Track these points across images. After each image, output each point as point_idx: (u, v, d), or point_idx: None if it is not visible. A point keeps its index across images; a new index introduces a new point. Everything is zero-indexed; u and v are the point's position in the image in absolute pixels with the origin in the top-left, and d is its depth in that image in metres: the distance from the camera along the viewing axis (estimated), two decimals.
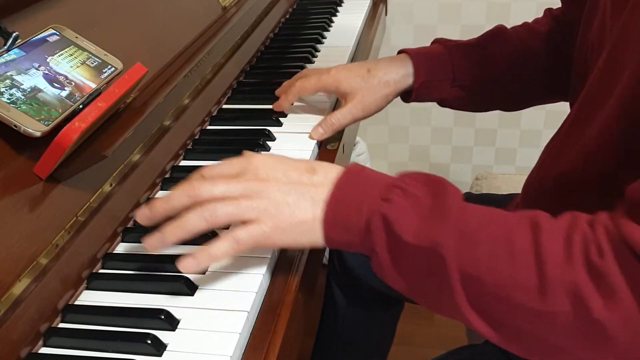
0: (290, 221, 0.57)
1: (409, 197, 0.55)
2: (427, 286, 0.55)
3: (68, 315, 0.59)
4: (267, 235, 0.57)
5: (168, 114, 0.81)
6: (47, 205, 0.60)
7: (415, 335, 1.60)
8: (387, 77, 0.86)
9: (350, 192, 0.57)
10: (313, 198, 0.58)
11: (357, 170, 0.59)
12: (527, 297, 0.50)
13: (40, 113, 0.60)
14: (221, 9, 1.06)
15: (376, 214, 0.55)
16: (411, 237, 0.53)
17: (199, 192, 0.58)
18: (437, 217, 0.53)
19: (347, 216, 0.56)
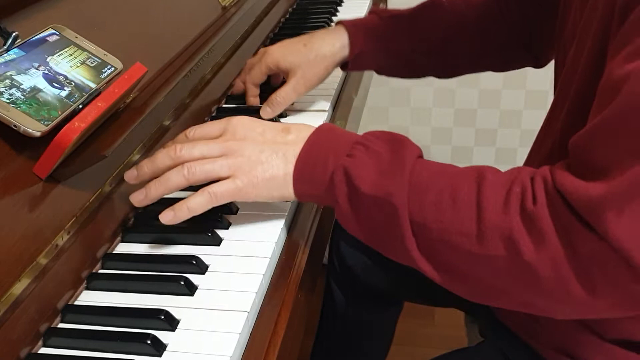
0: (263, 177, 0.62)
1: (371, 153, 0.60)
2: (382, 234, 0.59)
3: (68, 315, 0.59)
4: (240, 189, 0.62)
5: (168, 114, 0.80)
6: (47, 205, 0.60)
7: (415, 335, 1.60)
8: (324, 50, 0.89)
9: (318, 149, 0.62)
10: (285, 155, 0.63)
11: (327, 129, 0.65)
12: (466, 242, 0.54)
13: (40, 113, 0.60)
14: (221, 8, 1.06)
15: (339, 168, 0.60)
16: (368, 188, 0.58)
17: (180, 153, 0.64)
18: (392, 171, 0.58)
19: (313, 171, 0.61)
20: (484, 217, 0.53)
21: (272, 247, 0.65)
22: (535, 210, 0.51)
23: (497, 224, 0.52)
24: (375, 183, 0.58)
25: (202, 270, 0.63)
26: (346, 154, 0.60)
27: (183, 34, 0.92)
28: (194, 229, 0.68)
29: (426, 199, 0.56)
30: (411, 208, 0.56)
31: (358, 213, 0.59)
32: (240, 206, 0.72)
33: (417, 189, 0.57)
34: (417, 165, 0.59)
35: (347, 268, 1.07)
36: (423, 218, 0.56)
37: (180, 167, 0.63)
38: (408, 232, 0.56)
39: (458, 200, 0.55)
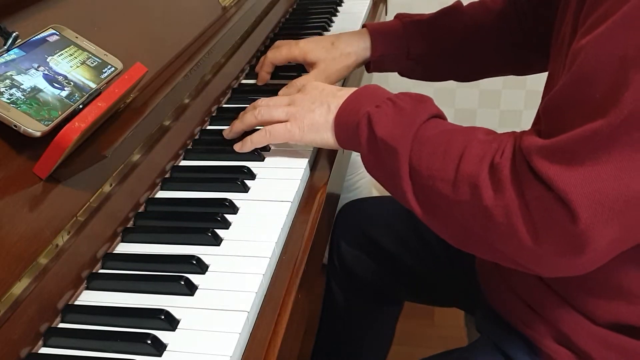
0: (309, 122, 0.75)
1: (395, 106, 0.69)
2: (388, 175, 0.68)
3: (68, 315, 0.59)
4: (291, 131, 0.76)
5: (168, 114, 0.81)
6: (47, 205, 0.60)
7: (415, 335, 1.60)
8: (348, 50, 0.97)
9: (356, 101, 0.73)
10: (329, 106, 0.74)
11: (371, 87, 0.75)
12: (445, 187, 0.62)
13: (40, 113, 0.60)
14: (221, 9, 1.06)
15: (365, 116, 0.70)
16: (382, 134, 0.67)
17: (260, 103, 0.80)
18: (405, 123, 0.67)
19: (348, 118, 0.72)
20: (461, 166, 0.61)
21: (272, 247, 0.65)
22: (499, 162, 0.59)
23: (469, 173, 0.60)
24: (389, 130, 0.67)
25: (202, 270, 0.63)
26: (375, 105, 0.70)
27: (183, 34, 0.92)
28: (194, 229, 0.68)
29: (424, 149, 0.64)
30: (411, 156, 0.65)
31: (374, 155, 0.69)
32: (240, 206, 0.72)
33: (421, 141, 0.65)
34: (430, 122, 0.67)
35: (347, 268, 1.07)
36: (418, 165, 0.64)
37: (253, 109, 0.79)
38: (406, 175, 0.65)
39: (448, 152, 0.63)
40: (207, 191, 0.75)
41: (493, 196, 0.58)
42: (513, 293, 0.76)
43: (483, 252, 0.65)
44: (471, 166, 0.61)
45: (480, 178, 0.59)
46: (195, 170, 0.80)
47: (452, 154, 0.62)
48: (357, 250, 1.05)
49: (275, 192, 0.74)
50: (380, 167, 0.69)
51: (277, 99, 0.79)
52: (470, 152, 0.61)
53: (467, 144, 0.62)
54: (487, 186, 0.59)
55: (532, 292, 0.73)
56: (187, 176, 0.79)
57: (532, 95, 1.88)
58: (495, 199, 0.58)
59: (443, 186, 0.62)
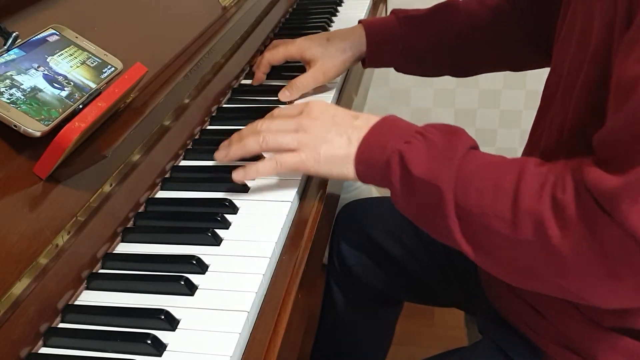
0: (325, 154, 0.68)
1: (427, 141, 0.64)
2: (429, 215, 0.63)
3: (68, 315, 0.59)
4: (303, 162, 0.69)
5: (168, 114, 0.81)
6: (47, 205, 0.60)
7: (415, 335, 1.60)
8: (344, 45, 0.96)
9: (380, 135, 0.67)
10: (349, 138, 0.68)
11: (392, 119, 0.69)
12: (502, 226, 0.57)
13: (40, 113, 0.60)
14: (221, 8, 1.06)
15: (395, 153, 0.64)
16: (419, 172, 0.62)
17: (260, 126, 0.72)
18: (443, 158, 0.62)
19: (373, 154, 0.66)
20: (518, 203, 0.57)
21: (272, 247, 0.65)
22: (563, 199, 0.55)
23: (529, 210, 0.56)
24: (426, 168, 0.62)
25: (202, 270, 0.63)
26: (404, 140, 0.65)
27: (183, 34, 0.92)
28: (194, 229, 0.68)
29: (471, 185, 0.60)
30: (456, 193, 0.60)
31: (409, 195, 0.64)
32: (240, 206, 0.72)
33: (463, 176, 0.61)
34: (469, 155, 0.63)
35: (347, 268, 1.07)
36: (466, 202, 0.60)
37: (257, 135, 0.71)
38: (452, 214, 0.60)
39: (499, 187, 0.58)
40: (207, 191, 0.75)
41: (560, 235, 0.54)
42: (516, 296, 0.75)
43: (547, 289, 0.61)
44: (531, 202, 0.56)
45: (544, 215, 0.55)
46: (195, 170, 0.80)
47: (505, 189, 0.58)
48: (357, 250, 1.05)
49: (276, 191, 0.74)
50: (418, 207, 0.64)
51: (281, 123, 0.71)
52: (526, 187, 0.57)
53: (520, 177, 0.58)
54: (553, 224, 0.55)
55: (537, 295, 0.73)
56: (187, 176, 0.79)
57: (532, 95, 1.88)
58: (564, 237, 0.54)
59: (499, 224, 0.58)
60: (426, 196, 0.62)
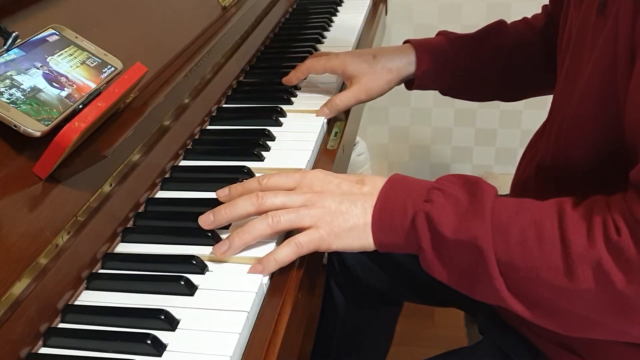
0: (344, 227, 0.63)
1: (448, 197, 0.60)
2: (469, 276, 0.60)
3: (68, 315, 0.59)
4: (323, 239, 0.63)
5: (168, 114, 0.80)
6: (47, 205, 0.60)
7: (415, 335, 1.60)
8: (391, 64, 0.91)
9: (395, 197, 0.63)
10: (363, 206, 0.63)
11: (400, 178, 0.65)
12: (555, 277, 0.55)
13: (40, 113, 0.60)
14: (221, 9, 1.06)
15: (420, 214, 0.60)
16: (451, 232, 0.58)
17: (262, 201, 0.64)
18: (473, 213, 0.59)
19: (392, 219, 0.62)
20: (570, 251, 0.54)
21: (272, 247, 0.65)
22: (620, 241, 0.53)
23: (584, 257, 0.54)
24: (457, 227, 0.58)
25: (202, 270, 0.63)
26: (424, 199, 0.61)
27: (183, 34, 0.92)
28: (194, 229, 0.68)
29: (511, 238, 0.57)
30: (497, 249, 0.57)
31: (443, 257, 0.60)
32: None
33: (500, 230, 0.57)
34: (496, 205, 0.59)
35: (347, 268, 1.07)
36: (510, 258, 0.57)
37: (264, 216, 0.63)
38: (496, 272, 0.57)
39: (543, 237, 0.56)
40: (207, 191, 0.75)
41: (625, 279, 0.53)
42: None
43: (609, 335, 0.59)
44: (583, 249, 0.54)
45: (603, 261, 0.53)
46: (195, 170, 0.80)
47: (549, 238, 0.56)
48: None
49: None
50: (455, 269, 0.61)
51: (287, 199, 0.65)
52: (572, 233, 0.55)
53: (562, 223, 0.56)
54: (615, 269, 0.53)
55: None
56: (187, 176, 0.79)
57: None
58: (630, 282, 0.52)
59: (552, 276, 0.55)
60: (463, 257, 0.59)
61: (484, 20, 0.97)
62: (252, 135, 0.86)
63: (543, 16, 0.97)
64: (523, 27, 0.96)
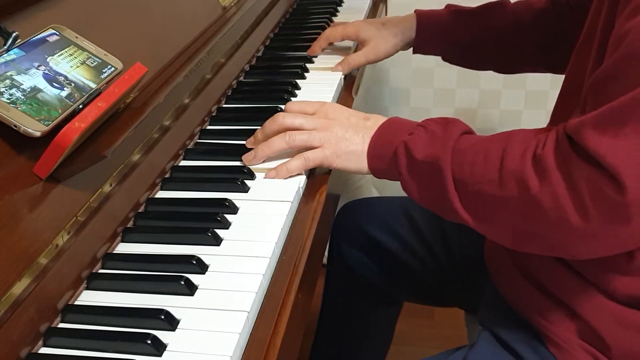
0: (345, 150, 0.76)
1: (428, 132, 0.72)
2: (433, 193, 0.70)
3: (68, 315, 0.59)
4: (327, 157, 0.76)
5: (168, 114, 0.80)
6: (47, 205, 0.60)
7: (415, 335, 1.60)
8: (396, 30, 1.06)
9: (387, 132, 0.76)
10: (363, 137, 0.76)
11: (397, 119, 0.78)
12: (491, 188, 0.65)
13: (40, 113, 0.60)
14: (221, 9, 1.06)
15: (401, 144, 0.72)
16: (421, 155, 0.70)
17: (283, 120, 0.79)
18: (441, 142, 0.70)
19: (383, 149, 0.74)
20: (505, 165, 0.64)
21: (272, 247, 0.65)
22: (541, 153, 0.62)
23: (513, 169, 0.63)
24: (426, 152, 0.70)
25: (202, 270, 0.63)
26: (408, 133, 0.73)
27: (183, 34, 0.92)
28: (194, 229, 0.68)
29: (465, 160, 0.67)
30: (453, 168, 0.68)
31: (415, 178, 0.72)
32: (240, 206, 0.72)
33: (458, 153, 0.68)
34: (463, 137, 0.70)
35: (347, 268, 1.07)
36: (462, 175, 0.67)
37: (283, 134, 0.77)
38: (451, 187, 0.68)
39: (488, 156, 0.66)
40: (207, 191, 0.75)
41: (539, 185, 0.61)
42: (526, 278, 0.76)
43: (538, 247, 0.67)
44: (514, 162, 0.63)
45: (525, 170, 0.62)
46: (195, 170, 0.80)
47: (493, 157, 0.65)
48: (357, 250, 1.05)
49: (275, 191, 0.74)
50: (425, 189, 0.71)
51: (304, 121, 0.78)
52: (512, 151, 0.64)
53: (507, 145, 0.65)
54: (533, 177, 0.61)
55: (549, 273, 0.74)
56: (187, 176, 0.79)
57: (532, 95, 1.88)
58: (542, 187, 0.61)
59: (490, 188, 0.65)
60: (429, 177, 0.70)
61: None
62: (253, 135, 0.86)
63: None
64: (523, 8, 1.03)
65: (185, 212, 0.73)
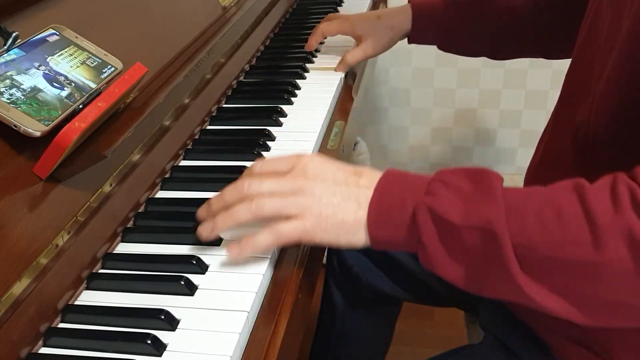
0: (333, 221, 0.59)
1: (451, 187, 0.56)
2: (481, 266, 0.55)
3: (68, 315, 0.59)
4: (307, 231, 0.59)
5: (168, 114, 0.81)
6: (47, 205, 0.60)
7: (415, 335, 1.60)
8: (392, 23, 1.04)
9: (393, 191, 0.59)
10: (358, 200, 0.59)
11: (397, 172, 0.61)
12: (581, 252, 0.51)
13: (40, 113, 0.60)
14: (221, 8, 1.06)
15: (421, 207, 0.56)
16: (460, 219, 0.54)
17: (248, 189, 0.61)
18: (481, 197, 0.55)
19: (391, 214, 0.58)
20: (596, 221, 0.51)
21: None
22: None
23: (613, 225, 0.50)
24: (465, 212, 0.54)
25: (202, 270, 0.63)
26: (424, 192, 0.57)
27: (183, 34, 0.92)
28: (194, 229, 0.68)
29: (527, 219, 0.53)
30: (512, 231, 0.53)
31: (450, 248, 0.56)
32: None
33: (514, 212, 0.53)
34: (506, 190, 0.56)
35: (347, 268, 1.07)
36: (527, 239, 0.53)
37: (248, 201, 0.60)
38: (511, 254, 0.53)
39: (562, 213, 0.52)
40: (207, 191, 0.75)
41: None
42: None
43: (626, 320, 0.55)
44: (610, 217, 0.50)
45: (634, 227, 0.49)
46: (195, 170, 0.81)
47: (570, 213, 0.52)
48: (356, 250, 1.05)
49: None
50: (462, 260, 0.56)
51: (274, 185, 0.61)
52: (595, 204, 0.51)
53: (581, 197, 0.52)
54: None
55: None
56: (187, 176, 0.80)
57: (532, 95, 1.88)
58: None
59: (578, 251, 0.51)
60: (474, 245, 0.54)
61: None
62: (252, 135, 0.86)
63: None
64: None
65: (185, 212, 0.73)
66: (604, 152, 0.66)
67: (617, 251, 0.50)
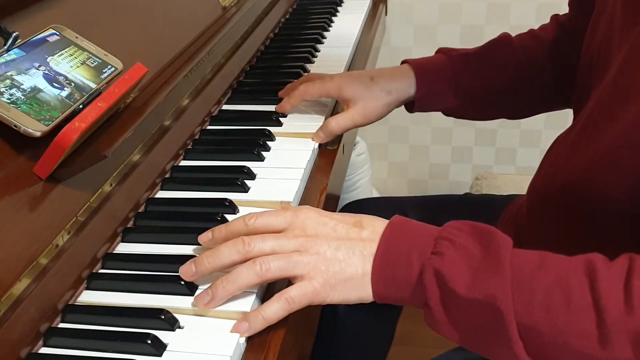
0: (340, 277, 0.57)
1: (458, 248, 0.54)
2: (483, 338, 0.54)
3: (68, 315, 0.59)
4: (317, 292, 0.57)
5: (168, 114, 0.81)
6: (47, 205, 0.60)
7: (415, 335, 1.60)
8: (389, 86, 0.87)
9: (398, 246, 0.57)
10: (362, 253, 0.57)
11: (401, 222, 0.59)
12: (586, 345, 0.50)
13: (40, 113, 0.60)
14: (221, 9, 1.06)
15: (428, 268, 0.54)
16: (465, 291, 0.53)
17: (249, 247, 0.58)
18: (489, 269, 0.53)
19: (396, 271, 0.56)
20: (605, 318, 0.49)
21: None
22: None
23: (622, 326, 0.48)
24: (472, 284, 0.53)
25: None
26: (431, 251, 0.55)
27: (183, 34, 0.92)
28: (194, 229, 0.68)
29: (534, 299, 0.51)
30: (518, 310, 0.51)
31: (453, 316, 0.54)
32: (239, 206, 0.72)
33: (521, 289, 0.51)
34: (515, 259, 0.53)
35: None
36: (533, 321, 0.51)
37: (251, 263, 0.57)
38: (515, 336, 0.52)
39: (571, 300, 0.50)
40: (207, 191, 0.75)
41: None
42: None
43: None
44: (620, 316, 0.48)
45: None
46: (195, 170, 0.81)
47: (580, 302, 0.50)
48: None
49: (275, 192, 0.74)
50: (464, 329, 0.55)
51: (277, 244, 0.58)
52: (607, 298, 0.49)
53: (593, 286, 0.50)
54: None
55: None
56: (187, 176, 0.80)
57: None
58: None
59: (583, 344, 0.50)
60: (477, 318, 0.53)
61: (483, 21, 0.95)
62: (252, 135, 0.86)
63: (552, 27, 0.91)
64: (530, 41, 0.91)
65: (185, 212, 0.73)
66: None
67: (623, 352, 0.49)
